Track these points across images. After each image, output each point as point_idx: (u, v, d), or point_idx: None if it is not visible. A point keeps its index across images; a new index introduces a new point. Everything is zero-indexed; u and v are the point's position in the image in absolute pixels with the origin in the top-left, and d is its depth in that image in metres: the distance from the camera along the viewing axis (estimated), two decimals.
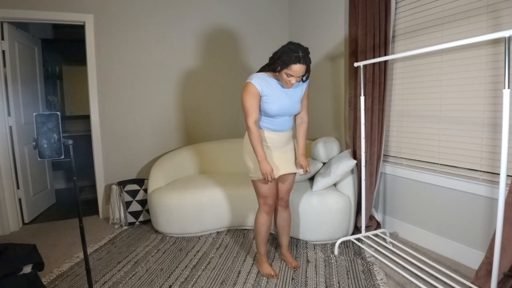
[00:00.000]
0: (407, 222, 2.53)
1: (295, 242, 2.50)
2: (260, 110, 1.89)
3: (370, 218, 2.64)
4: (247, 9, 3.62)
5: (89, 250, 2.45)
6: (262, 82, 1.85)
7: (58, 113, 1.53)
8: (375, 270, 2.07)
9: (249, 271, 2.12)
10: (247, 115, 1.85)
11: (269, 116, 1.91)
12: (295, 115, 2.06)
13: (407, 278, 1.91)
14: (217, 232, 2.76)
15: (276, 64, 1.79)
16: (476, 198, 2.02)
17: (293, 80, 1.79)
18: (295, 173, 2.09)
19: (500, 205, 1.46)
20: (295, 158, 2.06)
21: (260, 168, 1.86)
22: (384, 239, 2.45)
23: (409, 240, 2.50)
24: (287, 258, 2.19)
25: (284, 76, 1.80)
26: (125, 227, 2.94)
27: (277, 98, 1.87)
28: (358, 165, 2.55)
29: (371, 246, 2.33)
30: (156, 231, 2.80)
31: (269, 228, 2.09)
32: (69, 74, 4.61)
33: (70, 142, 1.56)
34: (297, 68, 1.74)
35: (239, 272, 2.11)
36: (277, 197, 2.11)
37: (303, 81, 1.92)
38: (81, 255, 2.37)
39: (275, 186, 2.02)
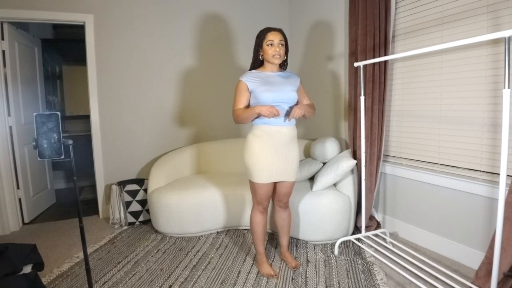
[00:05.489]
0: (407, 222, 2.53)
1: (295, 242, 2.50)
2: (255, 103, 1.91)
3: (370, 218, 2.65)
4: (247, 9, 3.62)
5: (89, 250, 2.45)
6: (250, 77, 1.95)
7: (58, 113, 1.53)
8: (375, 270, 2.07)
9: (249, 271, 2.12)
10: (233, 107, 1.96)
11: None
12: None
13: (407, 278, 1.90)
14: (217, 232, 2.76)
15: (256, 48, 1.97)
16: (476, 198, 2.02)
17: (276, 47, 1.89)
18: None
19: (500, 205, 1.46)
20: (297, 166, 2.04)
21: (262, 111, 1.79)
22: (384, 239, 2.44)
23: (409, 240, 2.50)
24: (287, 258, 2.19)
25: (267, 49, 1.91)
26: (125, 227, 2.94)
27: (269, 84, 1.92)
28: (358, 165, 2.55)
29: (371, 246, 2.33)
30: (156, 231, 2.80)
31: (265, 226, 2.09)
32: (69, 74, 4.62)
33: (70, 142, 1.56)
34: (273, 35, 1.90)
35: (239, 272, 2.11)
36: (274, 196, 2.11)
37: (286, 56, 2.00)
38: (81, 255, 2.37)
39: (271, 189, 2.01)
